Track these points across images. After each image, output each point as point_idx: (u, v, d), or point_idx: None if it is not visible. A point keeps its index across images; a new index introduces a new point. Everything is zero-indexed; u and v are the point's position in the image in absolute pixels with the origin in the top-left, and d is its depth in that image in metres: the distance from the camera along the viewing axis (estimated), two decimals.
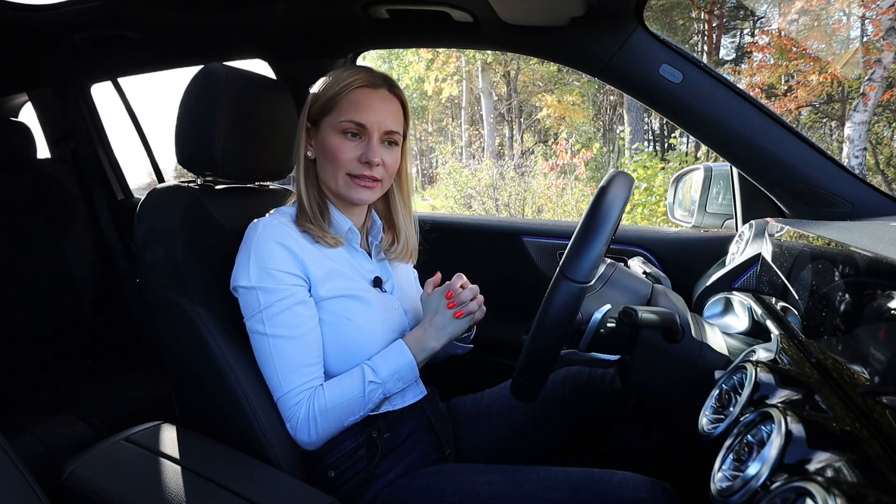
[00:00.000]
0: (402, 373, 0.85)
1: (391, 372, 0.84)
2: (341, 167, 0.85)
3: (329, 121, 0.85)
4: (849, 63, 7.31)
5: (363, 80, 0.85)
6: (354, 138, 0.85)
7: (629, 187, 0.72)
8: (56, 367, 1.67)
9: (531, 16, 1.01)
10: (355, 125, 0.84)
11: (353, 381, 0.83)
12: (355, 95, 0.84)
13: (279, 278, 0.80)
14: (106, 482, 0.74)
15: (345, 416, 0.82)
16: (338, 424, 0.83)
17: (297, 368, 0.81)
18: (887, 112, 8.09)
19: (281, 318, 0.80)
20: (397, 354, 0.85)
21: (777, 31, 8.12)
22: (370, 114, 0.84)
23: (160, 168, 1.97)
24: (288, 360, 0.81)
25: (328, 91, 0.86)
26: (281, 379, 0.81)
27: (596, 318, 0.76)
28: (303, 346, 0.82)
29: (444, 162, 10.79)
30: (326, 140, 0.85)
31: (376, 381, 0.83)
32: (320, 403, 0.81)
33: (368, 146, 0.85)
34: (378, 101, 0.85)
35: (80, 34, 1.32)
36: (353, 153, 0.85)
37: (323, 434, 0.82)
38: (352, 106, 0.84)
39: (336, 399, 0.82)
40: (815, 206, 1.01)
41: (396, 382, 0.85)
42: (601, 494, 0.75)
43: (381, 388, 0.83)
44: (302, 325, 0.82)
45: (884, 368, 0.45)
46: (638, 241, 1.33)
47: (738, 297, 0.94)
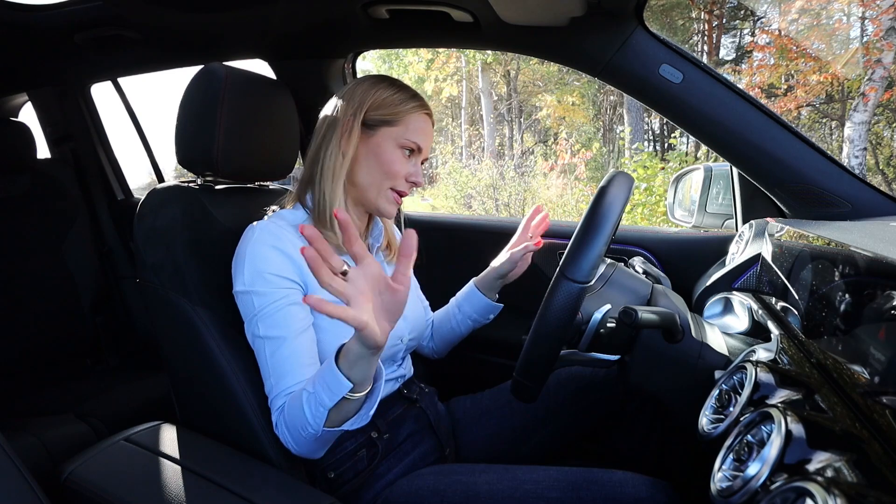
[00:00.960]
0: (328, 383, 0.69)
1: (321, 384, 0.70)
2: (390, 179, 0.88)
3: (391, 132, 0.88)
4: (849, 63, 7.31)
5: (425, 107, 0.91)
6: (408, 156, 0.89)
7: (629, 187, 0.72)
8: (56, 367, 1.67)
9: (531, 16, 1.01)
10: (416, 146, 0.89)
11: (300, 394, 0.75)
12: (422, 120, 0.90)
13: (273, 282, 0.80)
14: (106, 482, 0.74)
15: (300, 430, 0.74)
16: (302, 438, 0.75)
17: (290, 370, 0.79)
18: (887, 112, 8.09)
19: (275, 320, 0.79)
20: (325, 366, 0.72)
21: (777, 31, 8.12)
22: (426, 139, 0.91)
23: (160, 168, 1.97)
24: (282, 361, 0.80)
25: (394, 105, 0.88)
26: (274, 382, 0.79)
27: (596, 318, 0.76)
28: (296, 348, 0.80)
29: (444, 162, 10.80)
30: (383, 149, 0.87)
31: (311, 395, 0.72)
32: (287, 413, 0.77)
33: (417, 168, 0.90)
34: (430, 129, 0.92)
35: (80, 34, 1.32)
36: (405, 169, 0.89)
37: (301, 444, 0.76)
38: (418, 129, 0.89)
39: (291, 411, 0.76)
40: (815, 206, 1.01)
41: (329, 395, 0.69)
42: (601, 494, 0.75)
43: (317, 400, 0.70)
44: (295, 325, 0.81)
45: (884, 368, 0.45)
46: (638, 241, 1.33)
47: (738, 297, 0.94)
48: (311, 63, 1.37)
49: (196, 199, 0.91)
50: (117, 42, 1.36)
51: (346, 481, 0.86)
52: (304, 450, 0.78)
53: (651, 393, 0.78)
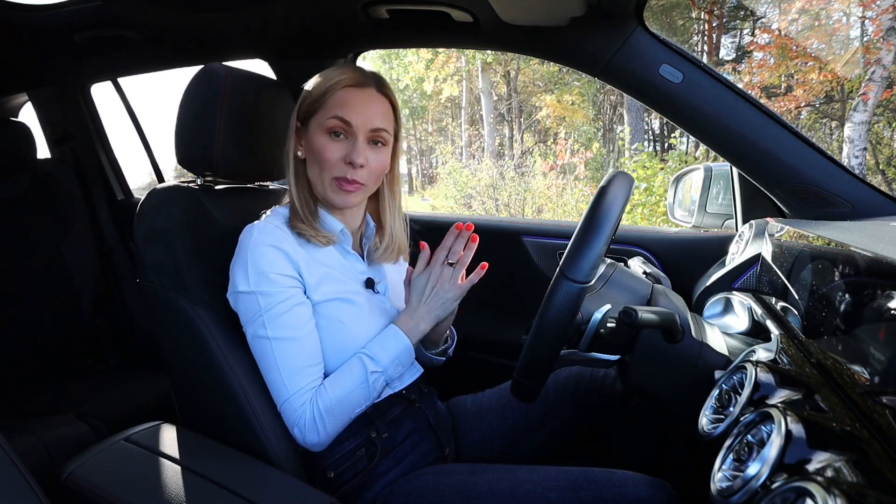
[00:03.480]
0: (401, 358, 0.85)
1: (391, 358, 0.84)
2: (327, 170, 0.84)
3: (316, 120, 0.85)
4: (849, 63, 7.31)
5: (351, 79, 0.84)
6: (339, 138, 0.84)
7: (629, 187, 0.72)
8: (56, 367, 1.67)
9: (531, 16, 1.01)
10: (341, 122, 0.83)
11: (353, 373, 0.83)
12: (342, 93, 0.84)
13: (277, 281, 0.80)
14: (106, 482, 0.74)
15: (350, 410, 0.82)
16: (345, 419, 0.83)
17: (301, 370, 0.81)
18: (887, 112, 8.08)
19: (282, 320, 0.80)
20: (394, 340, 0.85)
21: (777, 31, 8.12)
22: (356, 112, 0.83)
23: (160, 168, 1.97)
24: (292, 361, 0.80)
25: (317, 90, 0.85)
26: (285, 381, 0.80)
27: (596, 318, 0.76)
28: (304, 347, 0.82)
29: (444, 162, 10.80)
30: (314, 139, 0.85)
31: (378, 370, 0.83)
32: (325, 402, 0.80)
33: (354, 146, 0.83)
34: (365, 99, 0.84)
35: (80, 34, 1.32)
36: (339, 153, 0.83)
37: (331, 431, 0.82)
38: (338, 103, 0.83)
39: (340, 394, 0.81)
40: (815, 206, 1.01)
41: (397, 368, 0.85)
42: (601, 493, 0.75)
43: (383, 375, 0.84)
44: (303, 325, 0.82)
45: (884, 368, 0.45)
46: (638, 241, 1.33)
47: (738, 297, 0.94)
48: (311, 63, 1.37)
49: (196, 199, 0.91)
50: (117, 42, 1.36)
51: (346, 481, 0.86)
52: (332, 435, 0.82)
53: (651, 393, 0.78)
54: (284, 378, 0.80)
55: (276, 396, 0.82)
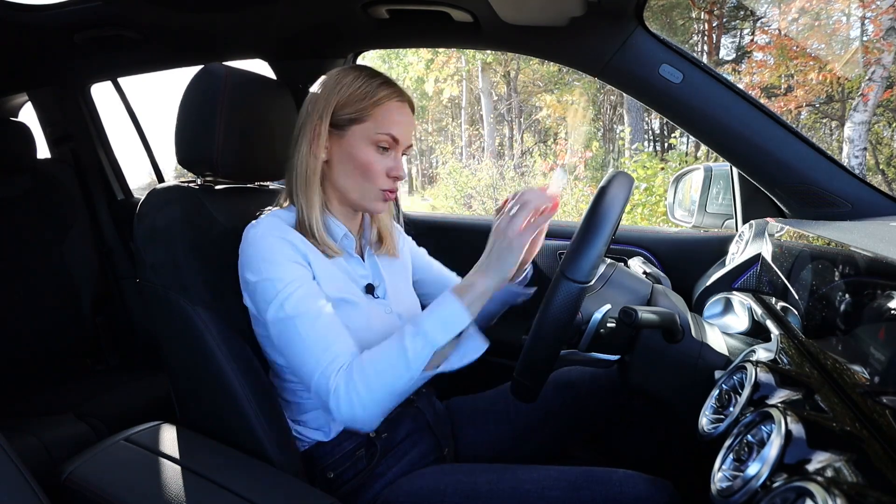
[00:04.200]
0: (447, 320, 0.75)
1: (434, 320, 0.75)
2: (372, 180, 0.85)
3: (361, 130, 0.84)
4: (849, 63, 7.31)
5: (396, 94, 0.85)
6: (384, 152, 0.85)
7: (629, 187, 0.72)
8: (56, 367, 1.67)
9: (531, 16, 1.01)
10: (391, 139, 0.84)
11: (392, 340, 0.76)
12: (394, 108, 0.84)
13: (287, 266, 0.79)
14: (106, 482, 0.74)
15: (391, 382, 0.73)
16: (385, 393, 0.74)
17: (332, 342, 0.76)
18: (887, 112, 8.08)
19: (301, 298, 0.78)
20: (442, 302, 0.77)
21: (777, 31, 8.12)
22: (402, 129, 0.85)
23: (160, 168, 1.97)
24: (320, 335, 0.76)
25: (360, 100, 0.83)
26: (319, 354, 0.75)
27: (596, 318, 0.76)
28: (330, 321, 0.78)
29: (444, 162, 10.80)
30: (357, 150, 0.84)
31: (416, 334, 0.74)
32: (360, 370, 0.74)
33: (396, 161, 0.86)
34: (407, 116, 0.86)
35: (80, 34, 1.32)
36: (384, 166, 0.85)
37: (370, 406, 0.73)
38: (390, 120, 0.84)
39: (376, 361, 0.74)
40: (815, 206, 1.01)
41: (443, 331, 0.74)
42: (602, 493, 0.75)
43: (424, 339, 0.74)
44: (324, 303, 0.79)
45: (884, 368, 0.45)
46: (638, 241, 1.33)
47: (738, 297, 0.94)
48: (311, 63, 1.37)
49: (196, 199, 0.91)
50: (117, 42, 1.36)
51: (346, 481, 0.86)
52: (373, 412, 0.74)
53: (651, 393, 0.78)
54: (318, 351, 0.75)
55: (309, 373, 0.76)
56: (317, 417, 0.88)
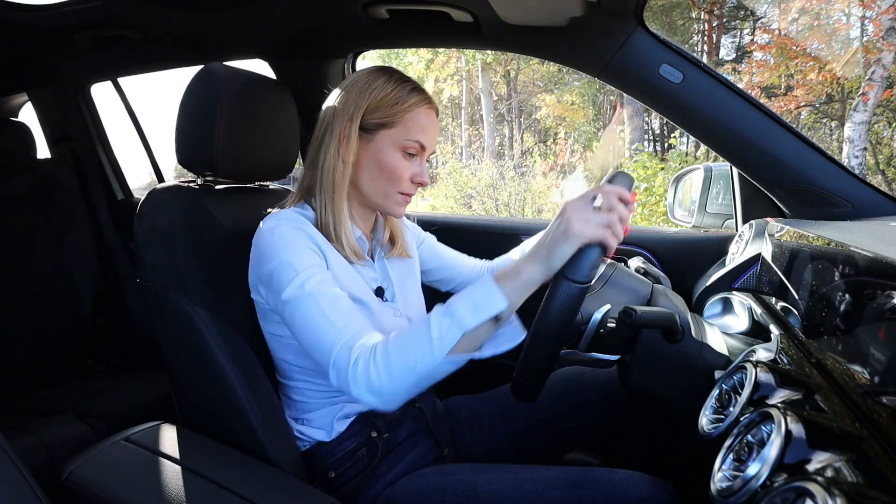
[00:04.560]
0: (478, 301, 0.68)
1: (466, 301, 0.68)
2: (396, 184, 0.85)
3: (391, 135, 0.83)
4: (849, 63, 7.31)
5: (425, 101, 0.85)
6: (411, 157, 0.85)
7: (629, 187, 0.72)
8: (56, 367, 1.68)
9: (531, 16, 1.01)
10: (419, 146, 0.84)
11: (419, 320, 0.71)
12: (422, 115, 0.84)
13: (307, 253, 0.78)
14: (106, 482, 0.74)
15: (411, 360, 0.67)
16: (404, 371, 0.67)
17: (355, 320, 0.74)
18: (887, 112, 8.09)
19: (321, 280, 0.76)
20: (477, 283, 0.70)
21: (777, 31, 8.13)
22: (430, 136, 0.85)
23: (160, 168, 1.97)
24: (343, 312, 0.74)
25: (392, 105, 0.83)
26: (341, 327, 0.72)
27: (596, 318, 0.76)
28: (351, 306, 0.76)
29: (444, 162, 10.80)
30: (384, 154, 0.83)
31: (445, 313, 0.68)
32: (382, 346, 0.69)
33: (422, 168, 0.86)
34: (435, 124, 0.87)
35: (80, 34, 1.32)
36: (409, 171, 0.85)
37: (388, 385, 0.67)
38: (419, 126, 0.84)
39: (400, 338, 0.69)
40: (815, 206, 1.01)
41: (474, 313, 0.67)
42: (602, 493, 0.75)
43: (452, 319, 0.67)
44: (341, 291, 0.77)
45: (884, 368, 0.45)
46: (638, 241, 1.33)
47: (738, 297, 0.94)
48: (311, 63, 1.37)
49: (196, 199, 0.91)
50: (117, 42, 1.36)
51: (347, 481, 0.86)
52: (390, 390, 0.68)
53: (651, 393, 0.78)
54: (338, 324, 0.72)
55: (330, 345, 0.71)
56: (321, 417, 0.88)
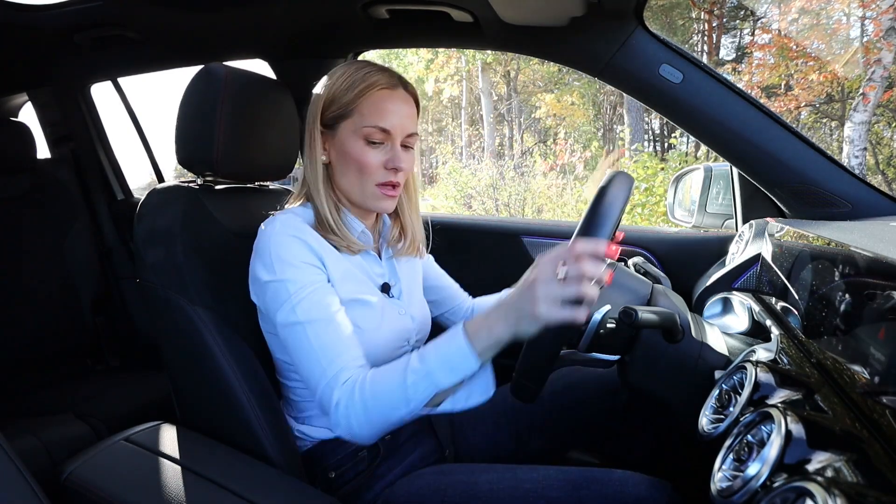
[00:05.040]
0: (452, 360, 0.69)
1: (441, 360, 0.70)
2: (369, 176, 0.82)
3: (349, 126, 0.81)
4: (849, 63, 7.32)
5: (383, 82, 0.80)
6: (377, 145, 0.81)
7: (629, 187, 0.72)
8: (56, 367, 1.67)
9: (531, 16, 1.01)
10: (380, 131, 0.80)
11: (396, 369, 0.73)
12: (376, 99, 0.80)
13: (302, 268, 0.78)
14: (106, 482, 0.74)
15: (388, 412, 0.72)
16: (381, 419, 0.72)
17: (343, 351, 0.75)
18: (887, 112, 8.09)
19: (313, 303, 0.76)
20: (450, 338, 0.71)
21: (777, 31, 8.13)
22: (393, 118, 0.80)
23: (160, 168, 1.97)
24: (330, 343, 0.75)
25: (345, 93, 0.81)
26: (326, 364, 0.74)
27: (596, 318, 0.76)
28: (341, 329, 0.77)
29: (444, 162, 10.80)
30: (348, 146, 0.81)
31: (419, 369, 0.70)
32: (360, 392, 0.72)
33: (394, 152, 0.82)
34: (398, 104, 0.81)
35: (80, 34, 1.32)
36: (378, 159, 0.81)
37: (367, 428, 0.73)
38: (374, 110, 0.80)
39: (377, 387, 0.72)
40: (815, 206, 1.01)
41: (448, 374, 0.69)
42: (601, 493, 0.75)
43: (428, 379, 0.69)
44: (336, 309, 0.78)
45: (884, 368, 0.45)
46: (638, 241, 1.33)
47: (738, 297, 0.94)
48: (311, 63, 1.37)
49: (196, 200, 0.91)
50: (117, 42, 1.36)
51: (347, 481, 0.86)
52: (371, 432, 0.73)
53: (651, 393, 0.78)
54: (325, 360, 0.74)
55: (315, 382, 0.75)
56: (321, 415, 0.88)
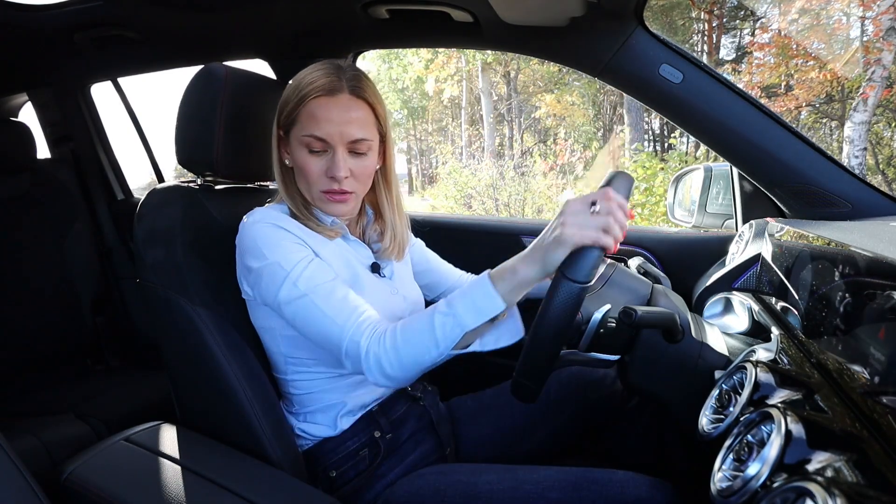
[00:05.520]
0: (476, 302, 0.71)
1: (467, 303, 0.71)
2: (313, 184, 0.83)
3: (294, 133, 0.82)
4: (849, 62, 7.32)
5: (321, 87, 0.79)
6: (318, 153, 0.81)
7: (629, 187, 0.72)
8: (56, 367, 1.67)
9: (531, 16, 1.01)
10: (316, 140, 0.79)
11: (424, 315, 0.74)
12: (312, 107, 0.79)
13: (290, 248, 0.79)
14: (106, 482, 0.74)
15: (418, 354, 0.72)
16: (413, 362, 0.73)
17: (357, 305, 0.76)
18: (887, 112, 8.09)
19: (311, 273, 0.77)
20: (476, 283, 0.72)
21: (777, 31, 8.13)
22: (329, 126, 0.79)
23: (160, 168, 1.97)
24: (341, 303, 0.76)
25: (290, 101, 0.82)
26: (343, 321, 0.74)
27: (596, 318, 0.76)
28: (346, 291, 0.78)
29: (444, 162, 10.80)
30: (295, 153, 0.83)
31: (447, 314, 0.72)
32: (391, 337, 0.73)
33: (333, 161, 0.80)
34: (338, 111, 0.79)
35: (80, 34, 1.32)
36: (319, 167, 0.81)
37: (400, 371, 0.73)
38: (310, 120, 0.79)
39: (407, 333, 0.73)
40: (815, 206, 1.01)
41: (475, 315, 0.71)
42: (602, 494, 0.75)
43: (454, 320, 0.71)
44: (334, 276, 0.79)
45: (884, 368, 0.45)
46: (638, 241, 1.33)
47: (738, 297, 0.94)
48: (311, 63, 1.36)
49: (196, 199, 0.91)
50: (117, 42, 1.36)
51: (348, 481, 0.86)
52: (404, 375, 0.73)
53: (651, 393, 0.78)
54: (339, 319, 0.74)
55: (337, 341, 0.75)
56: (323, 411, 0.88)
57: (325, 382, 0.87)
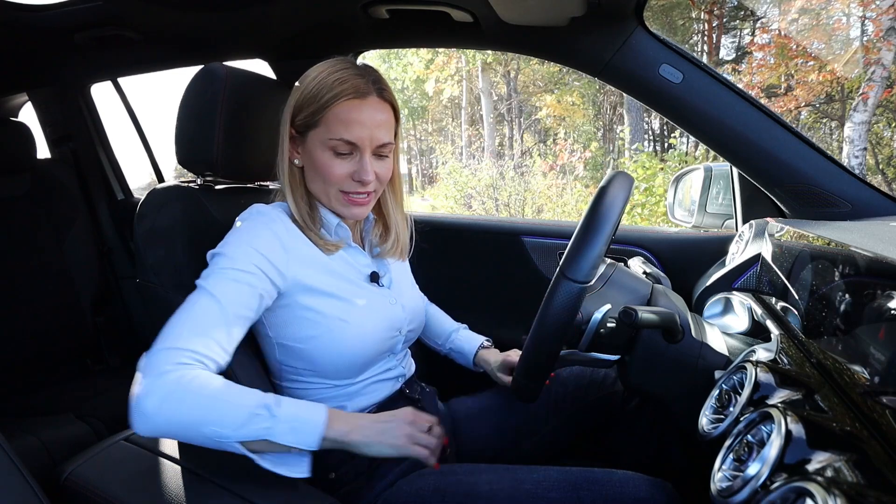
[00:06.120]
0: (300, 423, 0.68)
1: (291, 415, 0.68)
2: (333, 184, 0.81)
3: (317, 135, 0.79)
4: (849, 62, 7.32)
5: (350, 92, 0.77)
6: (344, 155, 0.79)
7: (629, 187, 0.72)
8: (56, 367, 1.68)
9: (531, 16, 1.01)
10: (345, 143, 0.78)
11: (251, 391, 0.69)
12: (343, 110, 0.77)
13: (251, 255, 0.75)
14: (106, 482, 0.74)
15: (198, 416, 0.64)
16: (194, 421, 0.64)
17: (208, 336, 0.69)
18: (887, 112, 8.09)
19: (227, 283, 0.72)
20: (314, 406, 0.71)
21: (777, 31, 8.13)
22: (361, 129, 0.77)
23: (160, 168, 1.97)
24: (206, 322, 0.69)
25: (313, 102, 0.79)
26: (186, 334, 0.67)
27: (596, 318, 0.76)
28: (226, 319, 0.71)
29: (444, 162, 10.80)
30: (315, 155, 0.80)
31: (268, 413, 0.66)
32: (190, 380, 0.64)
33: (361, 164, 0.79)
34: (368, 114, 0.78)
35: (80, 34, 1.32)
36: (345, 170, 0.79)
37: (161, 416, 0.63)
38: (340, 123, 0.77)
39: (223, 391, 0.66)
40: (815, 206, 1.01)
41: (290, 435, 0.67)
42: (602, 494, 0.75)
43: (270, 421, 0.66)
44: (240, 303, 0.72)
45: (884, 368, 0.45)
46: (638, 241, 1.33)
47: (738, 297, 0.94)
48: (310, 63, 1.36)
49: (196, 199, 0.91)
50: (117, 42, 1.36)
51: (347, 482, 0.86)
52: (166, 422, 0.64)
53: (651, 393, 0.78)
54: (186, 330, 0.68)
55: (161, 342, 0.67)
56: None
57: (321, 392, 0.87)
